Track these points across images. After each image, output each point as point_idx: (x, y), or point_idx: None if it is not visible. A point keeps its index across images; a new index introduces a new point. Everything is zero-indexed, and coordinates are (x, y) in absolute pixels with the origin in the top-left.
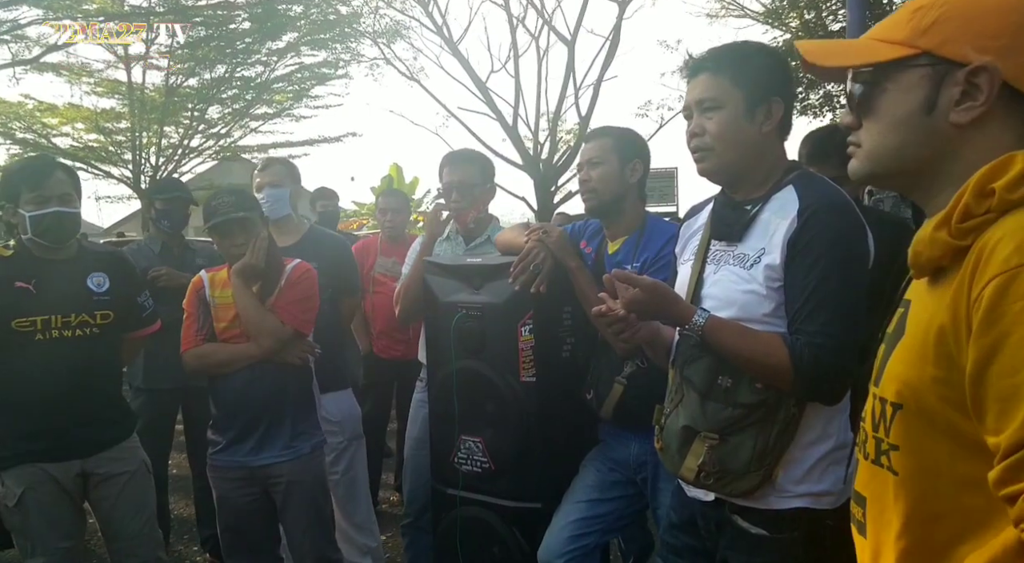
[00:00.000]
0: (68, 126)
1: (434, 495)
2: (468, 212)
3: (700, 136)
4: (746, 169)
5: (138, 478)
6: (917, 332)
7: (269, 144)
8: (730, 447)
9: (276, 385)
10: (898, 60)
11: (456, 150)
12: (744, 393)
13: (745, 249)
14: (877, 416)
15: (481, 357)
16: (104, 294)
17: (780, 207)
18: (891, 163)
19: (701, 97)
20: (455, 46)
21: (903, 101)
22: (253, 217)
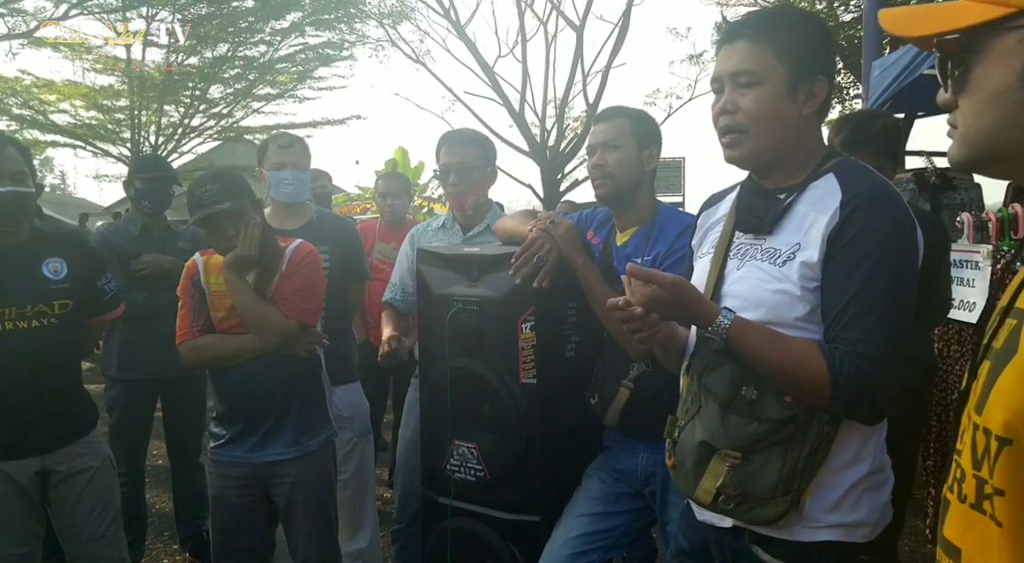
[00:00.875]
0: (66, 103)
1: (424, 503)
2: (467, 197)
3: (732, 114)
4: (782, 155)
5: (102, 475)
6: None
7: (272, 125)
8: (754, 468)
9: (283, 376)
10: (990, 22)
11: (456, 129)
12: (771, 407)
13: (776, 243)
14: (980, 451)
15: (478, 355)
16: (62, 281)
17: (820, 198)
18: (989, 146)
19: (738, 69)
20: (462, 29)
21: (997, 71)
22: (241, 205)
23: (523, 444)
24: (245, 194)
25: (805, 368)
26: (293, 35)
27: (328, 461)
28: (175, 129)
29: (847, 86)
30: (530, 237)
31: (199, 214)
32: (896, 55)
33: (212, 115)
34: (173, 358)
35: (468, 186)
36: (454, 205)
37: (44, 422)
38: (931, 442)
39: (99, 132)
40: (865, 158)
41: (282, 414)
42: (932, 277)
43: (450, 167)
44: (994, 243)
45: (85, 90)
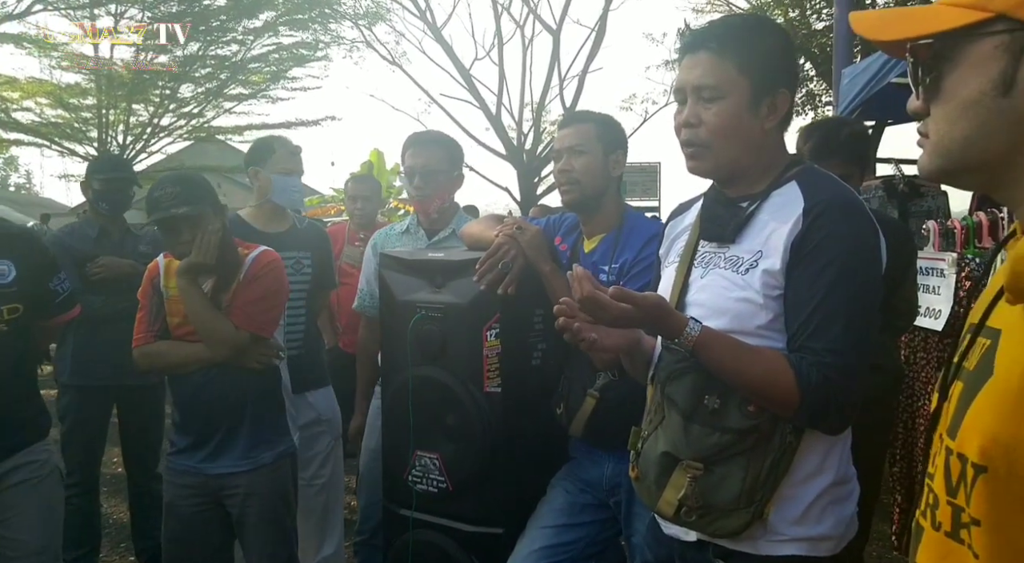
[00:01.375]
0: (30, 101)
1: (386, 515)
2: (431, 200)
3: (695, 128)
4: (744, 168)
5: (47, 485)
6: (1011, 375)
7: (244, 125)
8: (716, 479)
9: (236, 387)
10: (966, 27)
11: (423, 131)
12: (734, 416)
13: (739, 251)
14: (955, 478)
15: (441, 364)
16: (9, 285)
17: (782, 206)
18: (962, 156)
19: (701, 82)
20: (438, 31)
21: (972, 78)
22: (200, 211)
23: (487, 454)
24: (206, 199)
25: (773, 377)
26: (266, 35)
27: (284, 475)
28: (144, 128)
29: (819, 93)
30: (496, 242)
31: (155, 216)
32: (865, 63)
33: (182, 115)
34: (130, 364)
35: (432, 189)
36: (418, 208)
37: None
38: (897, 448)
39: (65, 131)
40: (834, 167)
41: (234, 425)
42: (898, 284)
43: (415, 169)
44: (959, 251)
45: (50, 88)
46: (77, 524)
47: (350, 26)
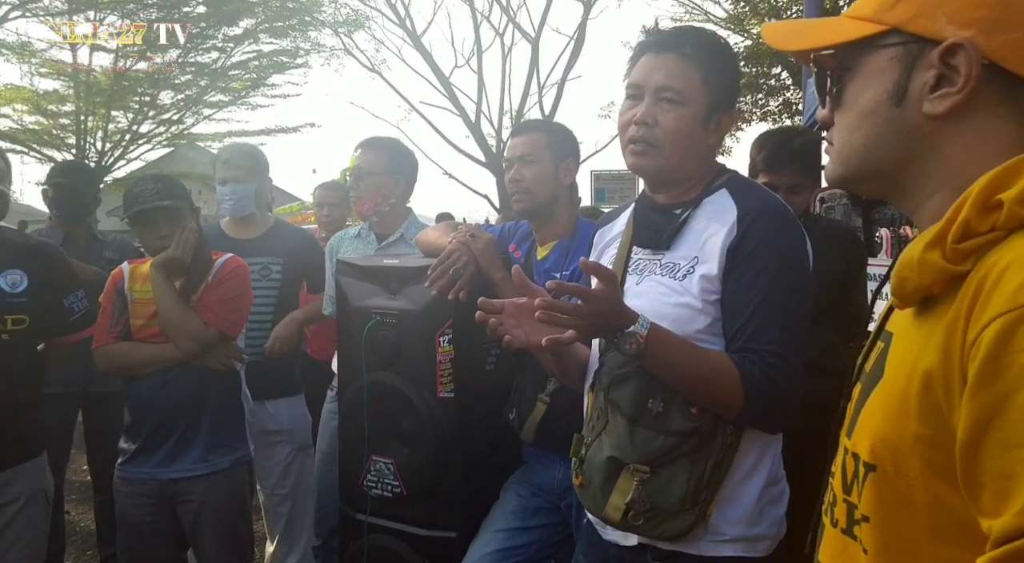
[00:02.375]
0: (7, 107)
1: (341, 519)
2: (363, 202)
3: (650, 127)
4: (683, 175)
5: (32, 507)
6: (898, 377)
7: (224, 132)
8: (662, 481)
9: (193, 390)
10: (863, 39)
11: (373, 137)
12: (677, 419)
13: (675, 258)
14: (850, 476)
15: (396, 369)
16: (19, 295)
17: (714, 213)
18: (861, 164)
19: (665, 84)
20: (418, 39)
21: (869, 89)
22: (179, 206)
23: (440, 460)
24: (183, 197)
25: (719, 377)
26: (246, 42)
27: (241, 482)
28: (123, 135)
29: (796, 102)
30: (448, 249)
31: (135, 209)
32: None
33: (162, 121)
34: (93, 371)
35: (363, 191)
36: (355, 210)
37: None
38: None
39: (43, 138)
40: (787, 176)
41: (191, 428)
42: (849, 289)
43: (355, 172)
44: None
45: (28, 94)
46: None
47: (330, 33)
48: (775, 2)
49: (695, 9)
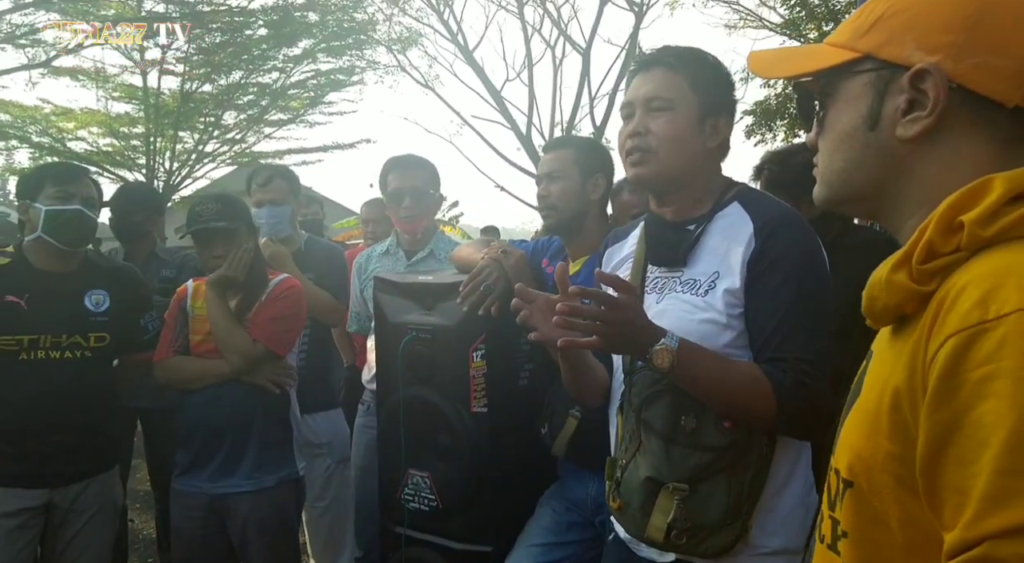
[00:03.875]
0: (84, 130)
1: (381, 531)
2: (420, 220)
3: (642, 136)
4: (685, 182)
5: (101, 517)
6: (872, 394)
7: (284, 150)
8: (702, 497)
9: (241, 406)
10: (839, 66)
11: (402, 155)
12: (710, 434)
13: (694, 274)
14: (833, 492)
15: (431, 384)
16: (102, 314)
17: (729, 226)
18: (841, 187)
19: (653, 94)
20: (470, 54)
21: (846, 114)
22: (236, 227)
23: (474, 474)
24: (242, 218)
25: (751, 387)
26: (305, 62)
27: (286, 500)
28: (189, 155)
29: None
30: (479, 265)
31: (193, 227)
32: None
33: (226, 141)
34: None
35: (422, 210)
36: (406, 229)
37: (60, 455)
38: None
39: (115, 158)
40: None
41: (239, 444)
42: None
43: (403, 191)
44: None
45: (102, 117)
46: None
47: (384, 51)
48: (832, 5)
49: (749, 15)
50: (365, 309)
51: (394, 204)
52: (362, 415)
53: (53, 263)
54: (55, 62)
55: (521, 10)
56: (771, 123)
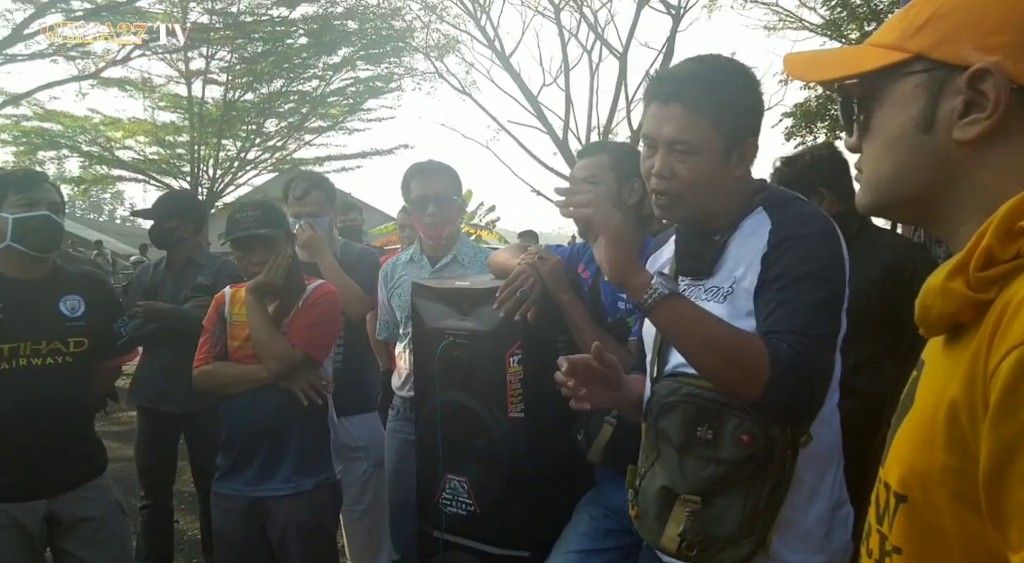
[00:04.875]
0: (131, 139)
1: (420, 536)
2: (445, 226)
3: (668, 180)
4: (715, 212)
5: (110, 523)
6: (926, 405)
7: (324, 157)
8: (715, 511)
9: (280, 410)
10: (887, 67)
11: (424, 161)
12: (727, 447)
13: (717, 282)
14: (882, 506)
15: (468, 389)
16: (78, 319)
17: (752, 231)
18: (891, 192)
19: (675, 137)
20: (507, 60)
21: (896, 116)
22: (276, 235)
23: (512, 479)
24: (281, 226)
25: (743, 346)
26: (344, 69)
27: (324, 503)
28: (232, 162)
29: None
30: (515, 271)
31: (233, 235)
32: None
33: (267, 148)
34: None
35: (446, 215)
36: (431, 235)
37: (52, 463)
38: None
39: (161, 166)
40: None
41: (278, 448)
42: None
43: (427, 198)
44: None
45: (148, 127)
46: (150, 541)
47: (422, 58)
48: (874, 5)
49: (789, 17)
50: (393, 316)
51: (417, 211)
52: (393, 419)
53: (24, 271)
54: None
55: (558, 15)
56: (812, 125)
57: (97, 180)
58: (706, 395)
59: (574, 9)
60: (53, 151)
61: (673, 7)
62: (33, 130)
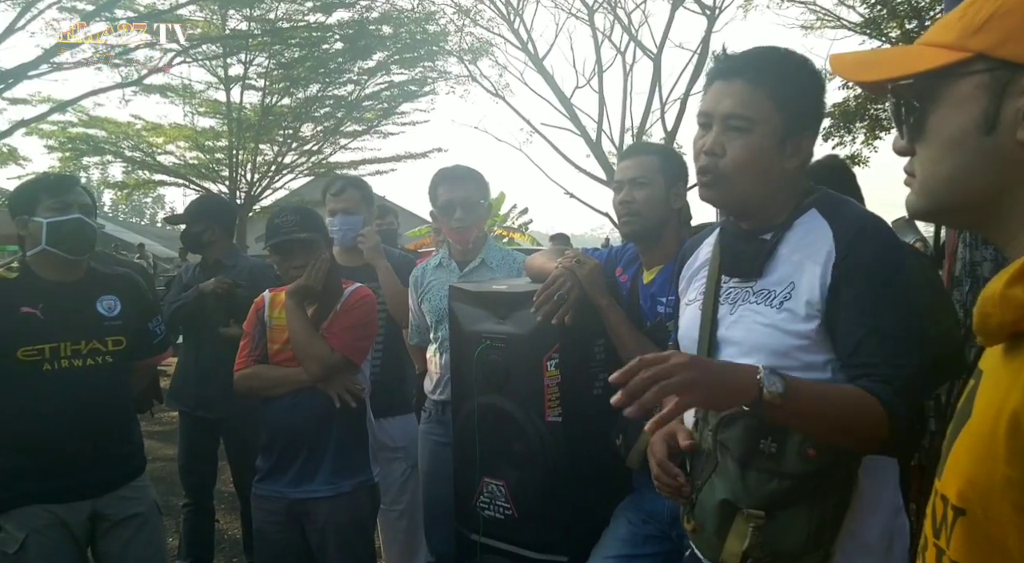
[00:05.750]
0: (172, 144)
1: (457, 539)
2: (471, 231)
3: (716, 157)
4: (758, 204)
5: (150, 522)
6: (986, 417)
7: (359, 160)
8: (780, 525)
9: (320, 412)
10: (945, 67)
11: (451, 166)
12: (792, 461)
13: (768, 285)
14: (939, 519)
15: (505, 392)
16: (115, 318)
17: (807, 234)
18: (947, 196)
19: (732, 111)
20: (540, 62)
21: (955, 118)
22: (315, 238)
23: (549, 483)
24: (319, 229)
25: (861, 410)
26: (379, 74)
27: (362, 505)
28: (269, 166)
29: None
30: (552, 274)
31: (275, 240)
32: None
33: (303, 152)
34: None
35: (473, 220)
36: (458, 239)
37: (96, 463)
38: None
39: (200, 171)
40: None
41: (317, 450)
42: None
43: (455, 202)
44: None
45: (189, 132)
46: (191, 540)
47: (456, 62)
48: (915, 2)
49: (827, 15)
50: (424, 321)
51: (445, 216)
52: (425, 422)
53: (60, 273)
54: (146, 80)
55: (591, 17)
56: (850, 125)
57: (139, 185)
58: None
59: (608, 11)
60: (97, 156)
61: (708, 7)
62: (78, 136)
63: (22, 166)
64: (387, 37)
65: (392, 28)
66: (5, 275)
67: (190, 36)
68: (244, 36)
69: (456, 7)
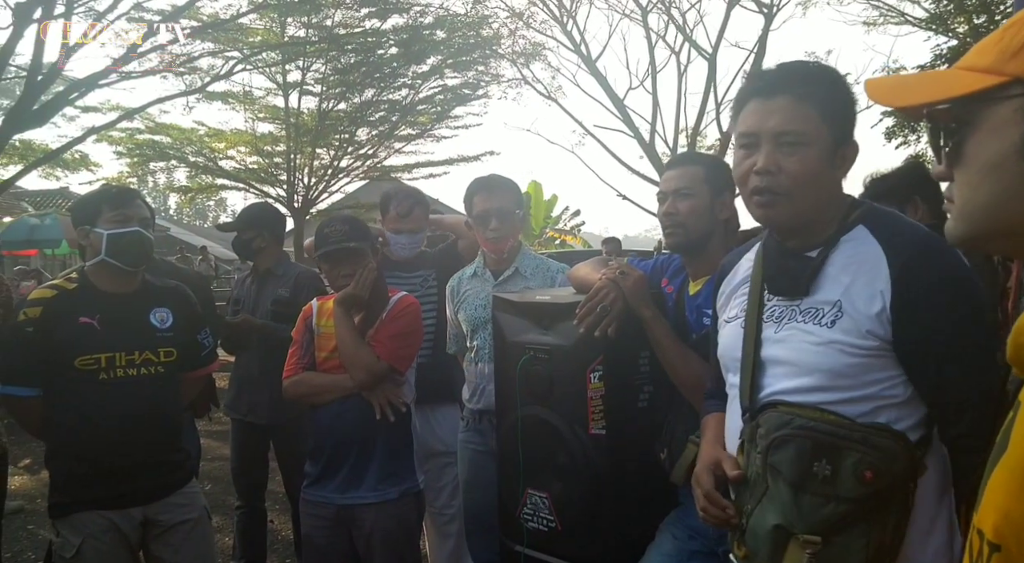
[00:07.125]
0: (233, 150)
1: (501, 549)
2: (507, 240)
3: (774, 175)
4: (815, 218)
5: (200, 527)
6: (1021, 450)
7: (412, 164)
8: (837, 550)
9: (366, 420)
10: (982, 92)
11: (486, 176)
12: (848, 484)
13: (815, 303)
14: (975, 553)
15: (548, 404)
16: (167, 330)
17: (856, 252)
18: (987, 222)
19: (783, 128)
20: (592, 64)
21: (993, 143)
22: (363, 248)
23: (594, 496)
24: (368, 239)
25: None
26: (433, 78)
27: (408, 512)
28: (326, 170)
29: None
30: (596, 286)
31: (324, 249)
32: None
33: (359, 156)
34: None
35: (508, 230)
36: (493, 249)
37: (149, 470)
38: None
39: (260, 175)
40: None
41: (364, 457)
42: None
43: (490, 212)
44: None
45: (248, 137)
46: (245, 541)
47: (508, 65)
48: None
49: (891, 11)
50: (461, 330)
51: (480, 225)
52: (462, 431)
53: (117, 285)
54: (208, 87)
55: (645, 18)
56: (915, 124)
57: (202, 189)
58: (822, 428)
59: (662, 11)
60: (163, 162)
61: (765, 5)
62: (145, 142)
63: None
64: (440, 42)
65: (446, 33)
66: (65, 285)
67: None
68: (302, 43)
69: (509, 10)
